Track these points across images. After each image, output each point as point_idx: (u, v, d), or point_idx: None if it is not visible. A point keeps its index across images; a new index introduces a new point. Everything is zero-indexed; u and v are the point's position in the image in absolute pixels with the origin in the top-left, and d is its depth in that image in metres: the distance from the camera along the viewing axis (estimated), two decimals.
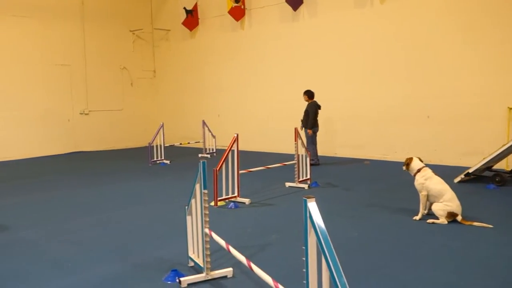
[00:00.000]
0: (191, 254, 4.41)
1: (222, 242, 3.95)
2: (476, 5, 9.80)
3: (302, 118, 10.74)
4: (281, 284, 3.16)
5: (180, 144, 13.60)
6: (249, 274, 4.08)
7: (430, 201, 5.91)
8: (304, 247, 2.56)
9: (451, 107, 10.22)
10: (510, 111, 9.41)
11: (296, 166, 8.13)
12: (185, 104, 16.21)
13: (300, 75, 12.79)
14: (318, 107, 10.65)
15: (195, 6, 15.29)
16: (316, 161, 10.61)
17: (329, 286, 2.42)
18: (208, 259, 4.03)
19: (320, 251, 2.39)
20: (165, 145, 12.07)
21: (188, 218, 4.38)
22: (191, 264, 4.41)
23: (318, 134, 10.83)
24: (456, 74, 10.12)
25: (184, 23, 15.46)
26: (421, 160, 6.16)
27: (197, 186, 4.03)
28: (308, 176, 8.37)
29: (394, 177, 8.77)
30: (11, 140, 13.41)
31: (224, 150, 6.97)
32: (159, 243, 5.22)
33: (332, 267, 2.28)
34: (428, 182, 5.86)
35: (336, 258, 2.32)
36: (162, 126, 11.94)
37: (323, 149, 11.70)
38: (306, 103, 10.71)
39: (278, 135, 13.08)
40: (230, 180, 6.97)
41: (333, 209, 6.52)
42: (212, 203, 6.71)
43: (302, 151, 8.30)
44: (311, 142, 10.61)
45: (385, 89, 11.27)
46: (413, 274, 4.14)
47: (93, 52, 15.30)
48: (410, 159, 6.13)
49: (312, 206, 2.50)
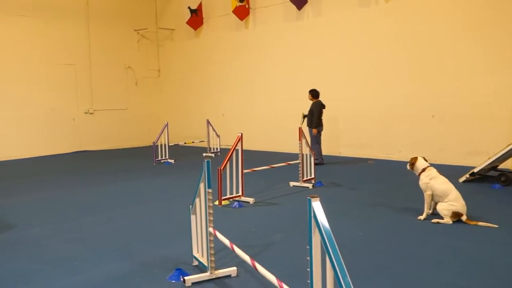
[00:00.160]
0: (195, 253, 4.41)
1: (226, 241, 3.95)
2: (481, 5, 9.75)
3: (304, 115, 10.75)
4: (285, 284, 3.16)
5: (185, 143, 13.63)
6: (253, 273, 4.09)
7: (435, 201, 5.89)
8: (308, 247, 2.56)
9: (456, 107, 10.18)
10: None
11: (301, 166, 8.12)
12: (190, 104, 16.23)
13: (305, 74, 12.78)
14: (323, 107, 10.63)
15: (200, 6, 15.31)
16: (321, 161, 10.60)
17: (334, 286, 2.42)
18: (212, 258, 4.04)
19: (325, 251, 2.39)
20: (170, 144, 12.09)
21: (193, 217, 4.39)
22: (195, 263, 4.41)
23: (323, 134, 10.82)
24: (461, 74, 10.07)
25: (189, 23, 15.48)
26: (426, 160, 6.14)
27: (202, 185, 4.03)
28: (313, 176, 8.36)
29: (399, 177, 8.75)
30: (17, 140, 13.48)
31: (228, 150, 6.98)
32: (164, 242, 5.23)
33: (337, 267, 2.28)
34: (433, 182, 5.84)
35: (341, 258, 2.31)
36: (167, 125, 11.96)
37: (328, 149, 11.69)
38: (311, 102, 10.71)
39: (283, 135, 13.07)
40: (234, 180, 6.98)
41: (338, 209, 6.51)
42: (216, 202, 6.73)
43: (307, 151, 8.29)
44: (316, 142, 10.60)
45: (390, 88, 11.24)
46: (418, 274, 4.13)
47: (98, 52, 15.35)
48: (415, 159, 6.12)
49: (317, 206, 2.50)
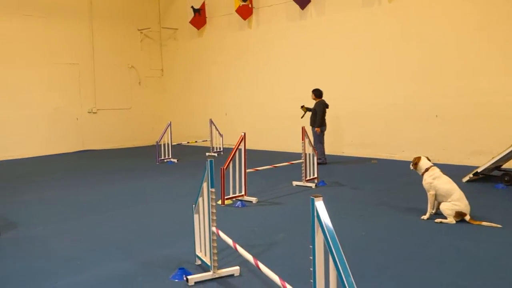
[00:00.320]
0: (198, 253, 4.42)
1: (229, 241, 3.96)
2: (484, 4, 9.72)
3: (306, 108, 10.75)
4: (288, 283, 3.17)
5: (188, 143, 13.65)
6: (256, 273, 4.09)
7: (438, 201, 5.87)
8: (312, 246, 2.56)
9: (459, 106, 10.15)
10: None
11: (303, 165, 8.11)
12: (193, 103, 16.24)
13: (308, 74, 12.77)
14: (326, 106, 10.62)
15: (203, 5, 15.32)
16: (324, 160, 10.59)
17: (336, 285, 2.42)
18: (215, 258, 4.04)
19: (328, 250, 2.39)
20: (173, 144, 12.11)
21: (196, 217, 4.40)
22: (198, 263, 4.42)
23: (326, 133, 10.81)
24: (464, 73, 10.04)
25: (192, 22, 15.50)
26: (429, 159, 6.13)
27: (205, 185, 4.04)
28: (315, 175, 8.35)
29: (402, 176, 8.73)
30: (20, 139, 13.52)
31: (231, 149, 6.98)
32: (167, 242, 5.24)
33: (340, 266, 2.28)
34: (436, 182, 5.83)
35: (344, 257, 2.31)
36: (170, 125, 11.98)
37: (331, 148, 11.69)
38: (314, 102, 10.70)
39: (286, 134, 13.07)
40: (237, 179, 6.98)
41: (341, 208, 6.50)
42: (219, 202, 6.74)
43: (310, 150, 8.28)
44: (319, 141, 10.59)
45: (393, 88, 11.22)
46: (421, 274, 4.13)
47: (102, 51, 15.39)
48: (418, 158, 6.10)
49: (320, 205, 2.50)
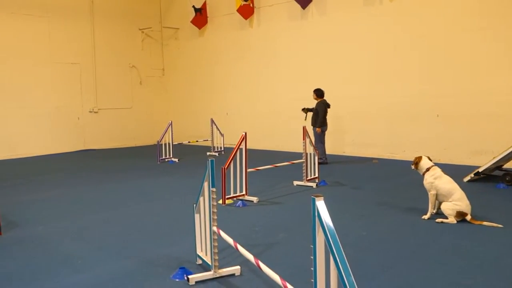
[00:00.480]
0: (199, 252, 4.42)
1: (230, 240, 3.96)
2: (485, 4, 9.71)
3: (306, 109, 10.75)
4: (289, 283, 3.17)
5: (189, 142, 13.66)
6: (257, 272, 4.09)
7: (439, 200, 5.87)
8: (312, 246, 2.56)
9: (461, 106, 10.14)
10: None
11: (304, 165, 8.11)
12: (194, 102, 16.24)
13: (309, 73, 12.76)
14: (328, 106, 10.61)
15: (204, 5, 15.31)
16: (325, 160, 10.58)
17: (337, 285, 2.42)
18: (216, 257, 4.04)
19: (328, 250, 2.39)
20: (174, 143, 12.10)
21: (196, 216, 4.40)
22: (199, 262, 4.42)
23: (327, 133, 10.81)
24: (466, 73, 10.04)
25: (193, 22, 15.49)
26: (430, 159, 6.12)
27: (205, 184, 4.04)
28: (316, 175, 8.35)
29: (403, 176, 8.73)
30: (21, 138, 13.52)
31: (232, 149, 6.98)
32: (168, 241, 5.24)
33: (340, 266, 2.28)
34: (437, 181, 5.82)
35: (344, 257, 2.31)
36: (171, 124, 11.97)
37: (332, 148, 11.69)
38: (315, 102, 10.69)
39: (286, 134, 13.07)
40: (238, 179, 6.98)
41: (342, 208, 6.50)
42: (220, 201, 6.74)
43: (310, 150, 8.28)
44: (320, 141, 10.59)
45: (394, 88, 11.21)
46: (422, 274, 4.12)
47: (103, 51, 15.39)
48: (419, 158, 6.10)
49: (321, 205, 2.50)
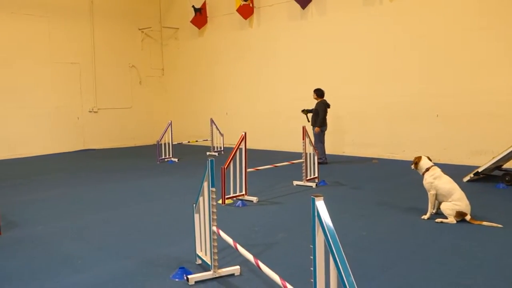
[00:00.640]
0: (199, 252, 4.42)
1: (230, 240, 3.96)
2: (485, 4, 9.71)
3: (306, 110, 10.75)
4: (289, 283, 3.17)
5: (188, 142, 13.66)
6: (257, 272, 4.09)
7: (439, 200, 5.87)
8: (312, 246, 2.56)
9: (460, 106, 10.14)
10: None
11: (304, 165, 8.11)
12: (193, 102, 16.24)
13: (309, 73, 12.76)
14: (328, 106, 10.61)
15: (204, 5, 15.31)
16: (324, 160, 10.58)
17: (337, 285, 2.42)
18: (216, 257, 4.04)
19: (328, 250, 2.39)
20: (173, 143, 12.10)
21: (196, 216, 4.39)
22: (199, 262, 4.42)
23: (326, 133, 10.81)
24: (465, 73, 10.04)
25: (193, 22, 15.49)
26: (430, 159, 6.12)
27: (205, 184, 4.04)
28: (316, 175, 8.35)
29: (403, 176, 8.73)
30: (21, 138, 13.51)
31: (232, 148, 6.98)
32: (167, 241, 5.24)
33: (340, 266, 2.28)
34: (437, 181, 5.82)
35: (344, 257, 2.31)
36: (170, 124, 11.97)
37: (331, 148, 11.68)
38: (315, 102, 10.69)
39: (286, 134, 13.07)
40: (238, 178, 6.98)
41: (341, 208, 6.50)
42: (220, 201, 6.74)
43: (310, 150, 8.28)
44: (319, 141, 10.58)
45: (394, 88, 11.21)
46: (421, 274, 4.12)
47: (102, 50, 15.38)
48: (419, 158, 6.10)
49: (320, 205, 2.50)
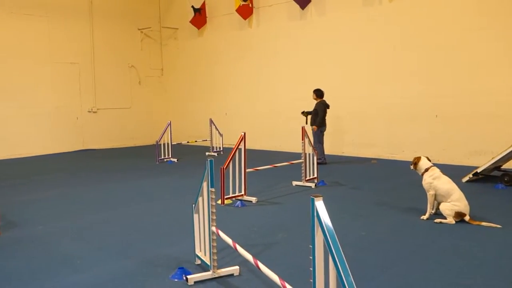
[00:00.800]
0: (198, 252, 4.42)
1: (229, 240, 3.96)
2: (485, 4, 9.72)
3: (306, 112, 10.76)
4: (288, 283, 3.17)
5: (188, 142, 13.66)
6: (256, 273, 4.09)
7: (438, 201, 5.88)
8: (311, 246, 2.56)
9: (459, 106, 10.15)
10: None
11: (303, 165, 8.11)
12: (193, 103, 16.24)
13: (308, 73, 12.76)
14: (327, 106, 10.61)
15: (203, 5, 15.30)
16: (323, 160, 10.58)
17: (336, 285, 2.42)
18: (215, 257, 4.04)
19: (327, 250, 2.39)
20: (173, 143, 12.10)
21: (195, 216, 4.39)
22: (198, 262, 4.42)
23: (326, 133, 10.81)
24: (464, 73, 10.04)
25: (192, 22, 15.49)
26: (429, 159, 6.13)
27: (204, 184, 4.04)
28: (315, 175, 8.35)
29: (402, 176, 8.74)
30: (20, 138, 13.50)
31: (231, 149, 6.98)
32: (166, 241, 5.24)
33: (339, 266, 2.28)
34: (436, 182, 5.83)
35: (343, 257, 2.31)
36: (170, 124, 11.97)
37: (331, 148, 11.69)
38: (315, 102, 10.69)
39: (285, 134, 13.07)
40: (237, 179, 6.98)
41: (341, 208, 6.50)
42: (219, 202, 6.74)
43: (309, 150, 8.28)
44: (318, 141, 10.59)
45: (393, 88, 11.22)
46: (420, 274, 4.13)
47: (102, 50, 15.38)
48: (418, 158, 6.11)
49: (320, 205, 2.50)
